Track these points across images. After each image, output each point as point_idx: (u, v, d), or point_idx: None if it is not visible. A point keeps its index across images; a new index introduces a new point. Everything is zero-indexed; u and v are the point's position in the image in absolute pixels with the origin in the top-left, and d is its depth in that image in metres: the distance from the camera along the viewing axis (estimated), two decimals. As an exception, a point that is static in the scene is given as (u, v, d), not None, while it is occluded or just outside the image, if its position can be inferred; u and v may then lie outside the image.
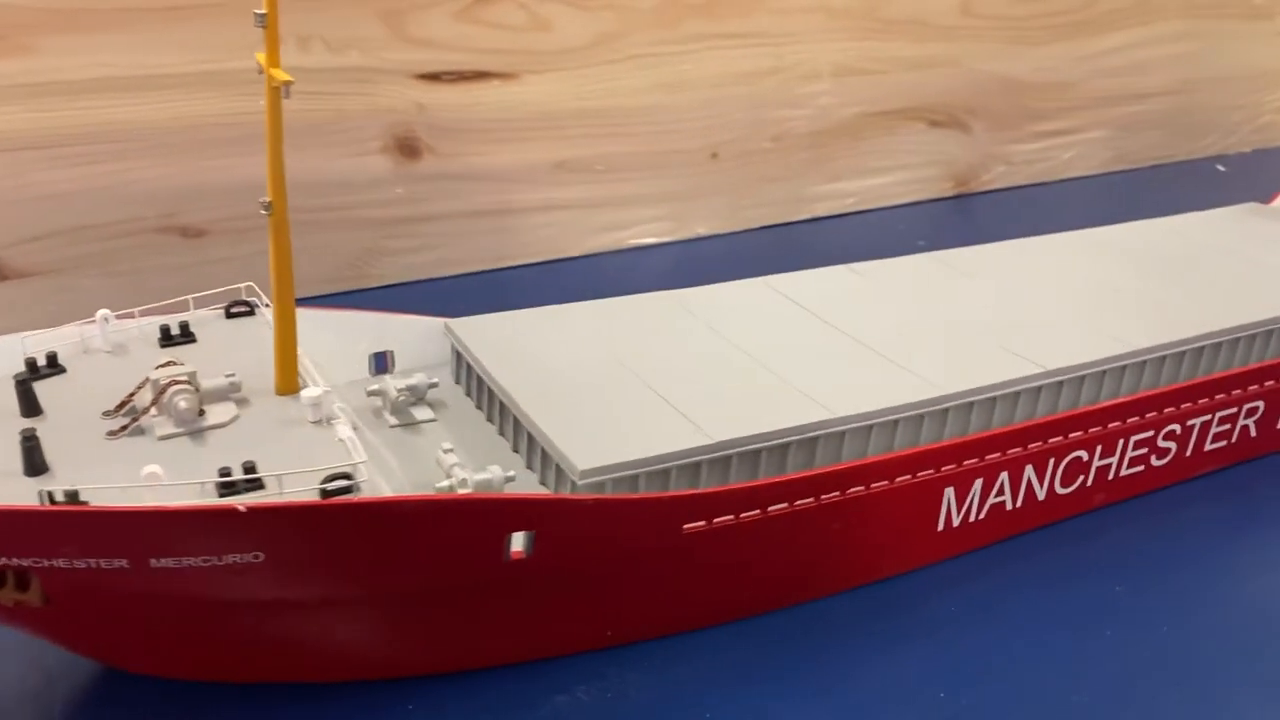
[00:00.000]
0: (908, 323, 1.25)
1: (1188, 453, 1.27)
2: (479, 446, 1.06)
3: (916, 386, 1.10)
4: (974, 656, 1.02)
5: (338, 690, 0.94)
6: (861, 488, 1.04)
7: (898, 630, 1.04)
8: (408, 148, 1.67)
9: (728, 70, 1.89)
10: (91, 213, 1.51)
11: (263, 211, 0.88)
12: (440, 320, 1.20)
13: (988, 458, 1.10)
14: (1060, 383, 1.17)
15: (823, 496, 1.01)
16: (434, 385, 1.11)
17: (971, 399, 1.11)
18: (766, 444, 1.01)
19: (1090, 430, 1.16)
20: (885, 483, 1.05)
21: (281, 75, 0.88)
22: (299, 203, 1.60)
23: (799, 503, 1.00)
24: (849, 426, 1.05)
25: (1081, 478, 1.19)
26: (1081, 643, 1.04)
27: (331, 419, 0.91)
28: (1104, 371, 1.20)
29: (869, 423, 1.06)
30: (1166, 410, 1.22)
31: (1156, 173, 2.50)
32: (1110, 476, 1.21)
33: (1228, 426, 1.29)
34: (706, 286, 1.32)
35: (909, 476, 1.06)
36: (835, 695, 0.97)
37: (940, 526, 1.11)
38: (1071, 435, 1.15)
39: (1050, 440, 1.14)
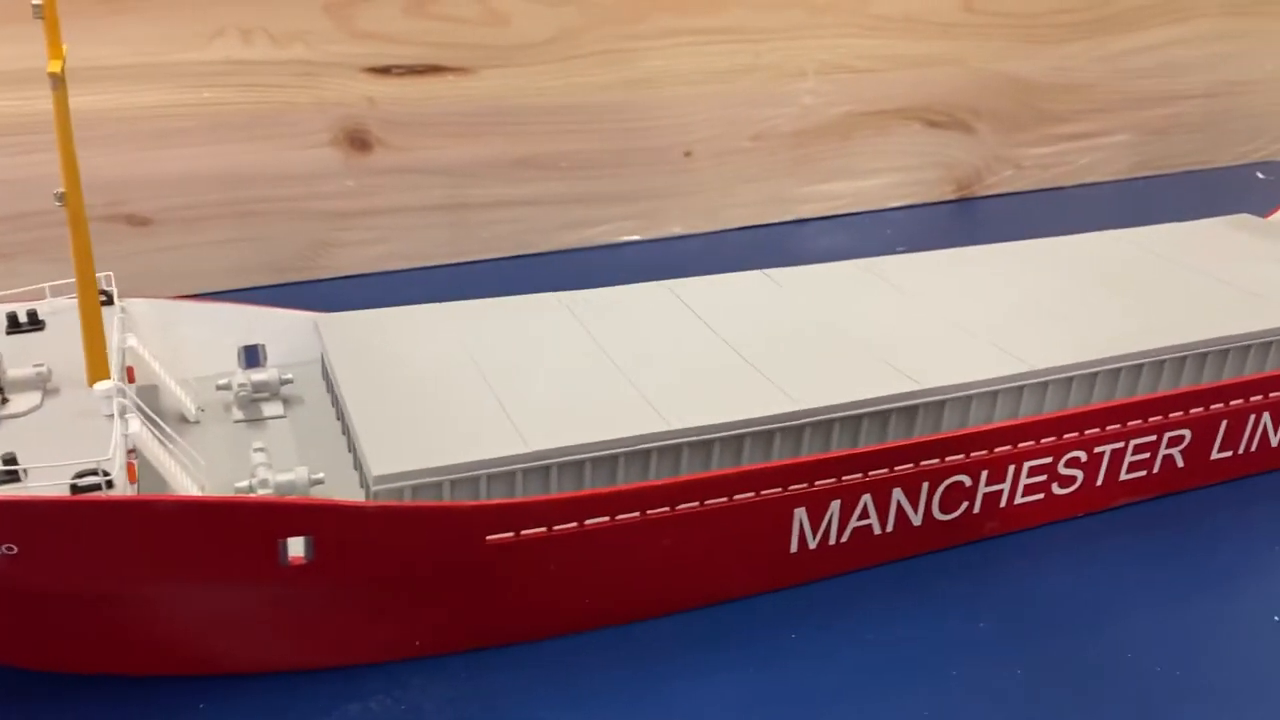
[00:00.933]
0: (797, 334, 1.19)
1: (1098, 482, 1.18)
2: (321, 446, 1.05)
3: (777, 400, 1.05)
4: (799, 692, 0.96)
5: (137, 684, 0.94)
6: (695, 504, 0.99)
7: (726, 659, 0.99)
8: (358, 141, 1.67)
9: (701, 67, 1.85)
10: (35, 200, 1.54)
11: (56, 204, 0.88)
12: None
13: (845, 478, 1.04)
14: (942, 402, 1.11)
15: (649, 512, 0.97)
16: (288, 381, 1.10)
17: (833, 416, 1.06)
18: (590, 455, 0.98)
19: (972, 454, 1.09)
20: (723, 500, 1.00)
21: (54, 65, 0.87)
22: (245, 194, 1.66)
23: (622, 517, 0.96)
24: (687, 440, 1.01)
25: (966, 504, 1.12)
26: (919, 682, 0.98)
27: (125, 412, 0.90)
28: (995, 392, 1.13)
29: (710, 436, 1.02)
30: (1068, 435, 1.14)
31: (1188, 179, 2.36)
32: (1002, 504, 1.14)
33: (1146, 455, 1.20)
34: (603, 289, 1.29)
35: (752, 494, 1.01)
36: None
37: (794, 549, 1.06)
38: (949, 459, 1.08)
39: (923, 463, 1.07)
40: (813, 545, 1.06)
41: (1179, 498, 1.25)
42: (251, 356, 1.14)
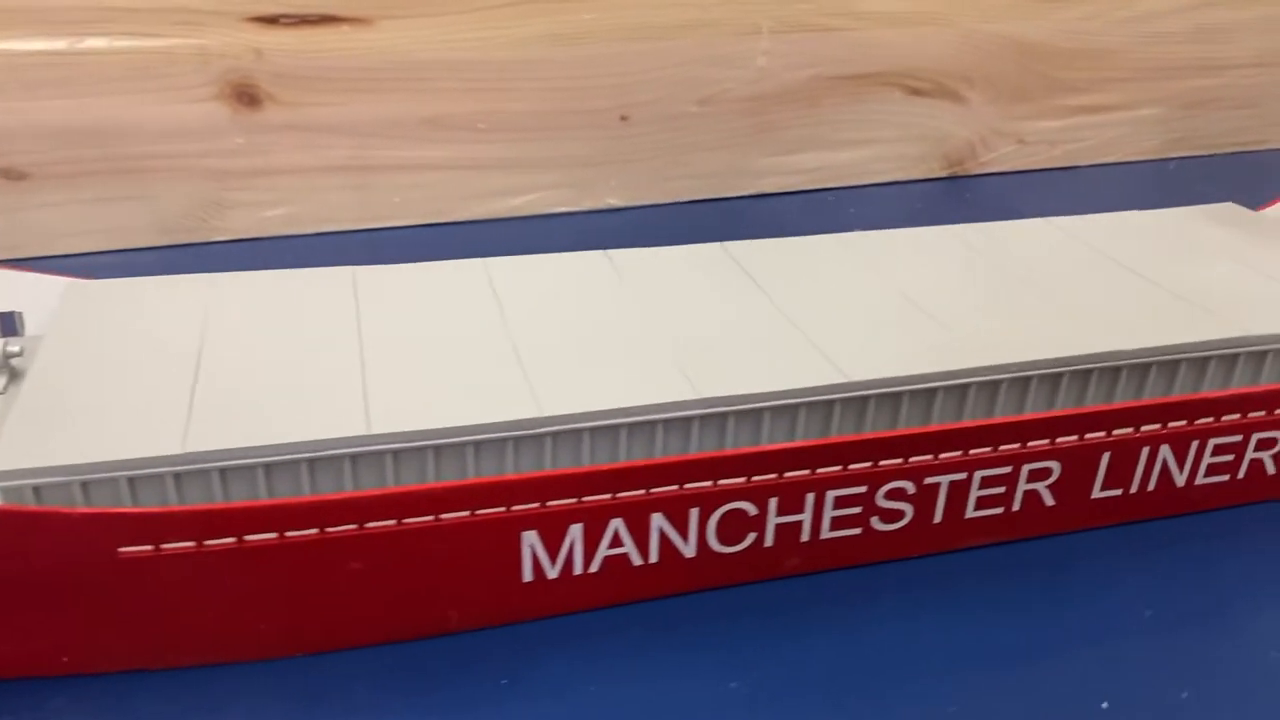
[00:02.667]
0: (597, 328, 1.04)
1: (936, 519, 1.00)
2: None
3: (521, 405, 0.91)
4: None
5: None
6: (391, 522, 0.86)
7: (418, 702, 0.86)
8: (246, 96, 1.57)
9: (637, 22, 1.68)
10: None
11: None
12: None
13: (588, 499, 0.89)
14: (724, 414, 0.94)
15: (330, 529, 0.84)
16: (15, 354, 1.01)
17: (583, 425, 0.91)
18: (265, 460, 0.85)
19: (754, 478, 0.93)
20: (428, 519, 0.86)
21: None
22: (128, 150, 1.57)
23: (294, 534, 0.84)
24: (393, 446, 0.87)
25: (753, 535, 0.95)
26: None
27: None
28: (797, 405, 0.96)
29: (424, 444, 0.88)
30: (886, 462, 0.96)
31: (1231, 162, 2.08)
32: (805, 538, 0.97)
33: (1001, 490, 1.01)
34: (406, 265, 1.15)
35: (466, 513, 0.87)
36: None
37: (528, 578, 0.91)
38: (724, 482, 0.92)
39: (688, 485, 0.91)
40: (553, 575, 0.92)
41: (1053, 541, 1.05)
42: (7, 324, 1.06)
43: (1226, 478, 1.07)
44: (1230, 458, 1.06)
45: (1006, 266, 1.19)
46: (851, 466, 0.95)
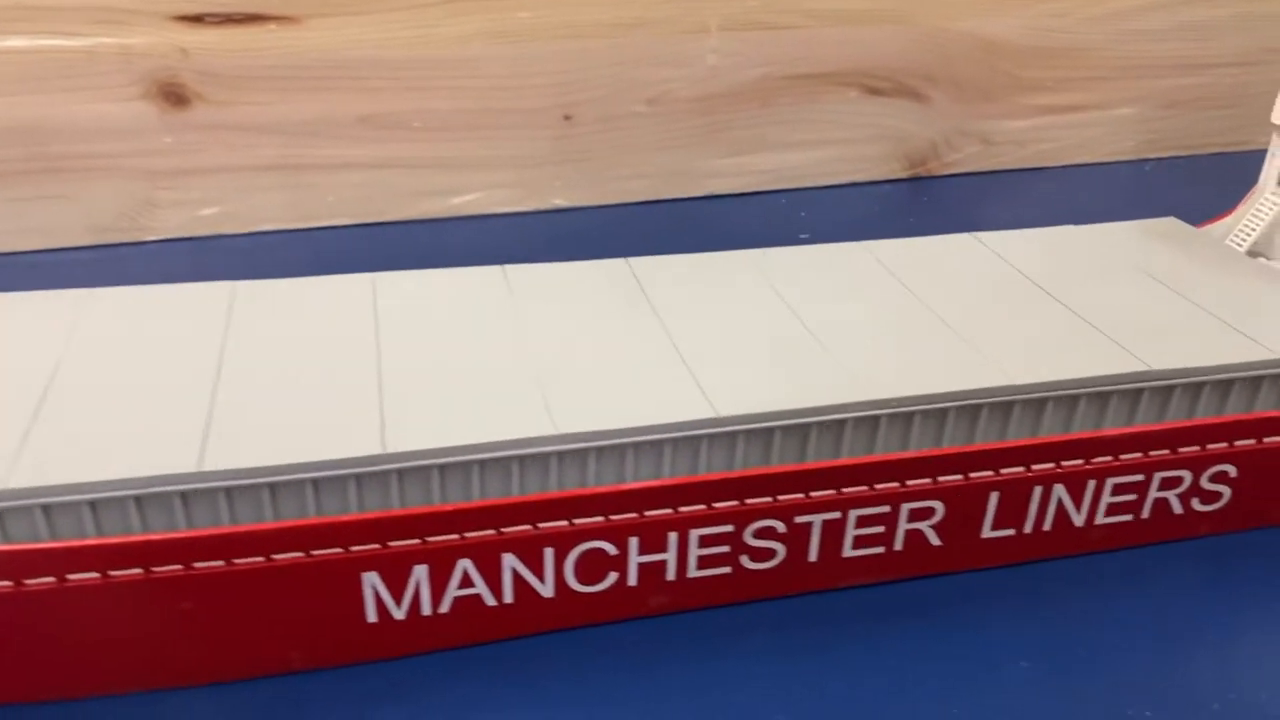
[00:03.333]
0: (472, 352, 1.00)
1: (810, 558, 0.96)
2: None
3: (365, 441, 0.88)
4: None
5: None
6: (220, 563, 0.83)
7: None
8: (173, 95, 1.54)
9: (578, 19, 1.64)
10: None
11: None
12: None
13: (432, 540, 0.86)
14: (585, 450, 0.91)
15: (154, 569, 0.82)
16: None
17: (432, 462, 0.87)
18: (89, 496, 0.82)
19: (613, 517, 0.89)
20: (259, 559, 0.83)
21: None
22: (55, 149, 1.55)
23: (117, 573, 0.81)
24: (228, 484, 0.85)
25: (615, 575, 0.92)
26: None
27: None
28: (661, 442, 0.92)
29: (260, 481, 0.85)
30: (753, 501, 0.92)
31: (1213, 163, 2.01)
32: (671, 577, 0.93)
33: (880, 530, 0.96)
34: (288, 280, 1.12)
35: (300, 554, 0.84)
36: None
37: (372, 618, 0.88)
38: (579, 521, 0.89)
39: (542, 525, 0.88)
40: (400, 616, 0.89)
41: (941, 581, 1.01)
42: None
43: (1130, 517, 1.02)
44: (1132, 497, 1.01)
45: (916, 288, 1.14)
46: (716, 505, 0.91)
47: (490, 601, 0.90)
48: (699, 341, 1.03)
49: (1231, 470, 1.02)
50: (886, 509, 0.95)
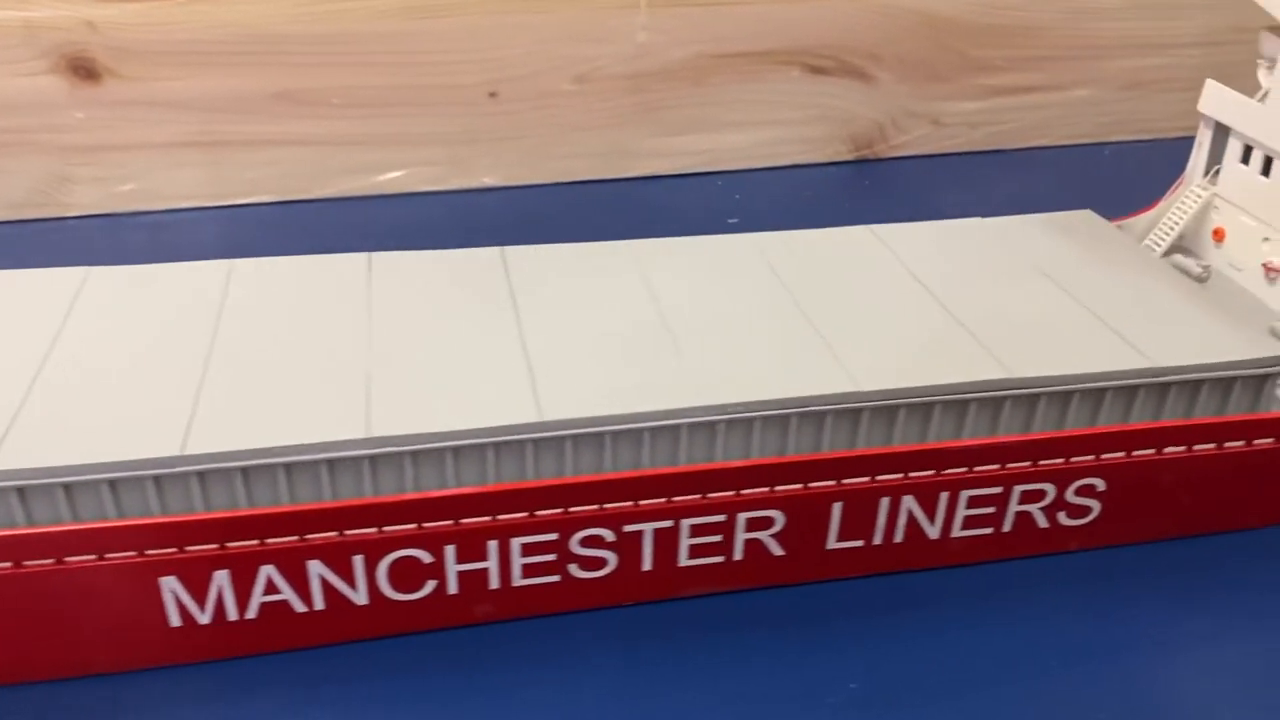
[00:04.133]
0: (306, 347, 0.98)
1: (646, 567, 0.93)
2: None
3: (166, 440, 0.85)
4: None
5: None
6: (9, 564, 0.81)
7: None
8: (83, 70, 1.52)
9: (501, -5, 1.60)
10: None
11: None
12: None
13: (230, 545, 0.84)
14: (400, 454, 0.88)
15: (-57, 570, 0.80)
16: None
17: (233, 464, 0.85)
18: None
19: (426, 525, 0.86)
20: (49, 561, 0.82)
21: None
22: (-36, 122, 1.53)
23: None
24: (19, 483, 0.82)
25: (433, 583, 0.89)
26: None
27: None
28: (484, 446, 0.89)
29: (53, 481, 0.83)
30: (578, 509, 0.89)
31: (1176, 147, 1.92)
32: (495, 585, 0.91)
33: (718, 539, 0.93)
34: (173, 264, 1.10)
35: (92, 557, 0.82)
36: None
37: (175, 622, 0.86)
38: (389, 528, 0.86)
39: (349, 532, 0.85)
40: (205, 620, 0.86)
41: (789, 592, 0.97)
42: None
43: (989, 531, 0.98)
44: (990, 510, 0.97)
45: (793, 285, 1.10)
46: (539, 513, 0.88)
47: (300, 608, 0.88)
48: (550, 339, 1.00)
49: (1099, 484, 0.98)
50: (723, 518, 0.92)
